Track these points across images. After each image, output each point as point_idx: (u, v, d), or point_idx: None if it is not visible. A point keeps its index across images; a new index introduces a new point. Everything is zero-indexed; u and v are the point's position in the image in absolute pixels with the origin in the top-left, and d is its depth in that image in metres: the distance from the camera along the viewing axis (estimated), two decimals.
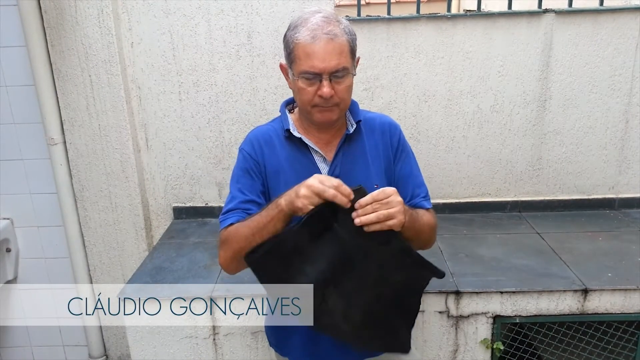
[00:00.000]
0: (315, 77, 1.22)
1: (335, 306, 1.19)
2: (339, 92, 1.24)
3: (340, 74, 1.22)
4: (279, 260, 1.15)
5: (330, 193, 1.09)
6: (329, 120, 1.29)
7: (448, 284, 1.83)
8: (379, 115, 1.44)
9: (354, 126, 1.35)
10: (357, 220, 1.11)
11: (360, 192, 1.13)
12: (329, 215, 1.14)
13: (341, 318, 1.21)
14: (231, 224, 1.26)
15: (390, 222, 1.12)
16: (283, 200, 1.16)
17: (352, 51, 1.26)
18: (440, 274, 1.23)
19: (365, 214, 1.11)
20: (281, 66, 1.34)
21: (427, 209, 1.37)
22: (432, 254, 2.04)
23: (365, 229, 1.12)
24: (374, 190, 1.13)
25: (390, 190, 1.13)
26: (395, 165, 1.39)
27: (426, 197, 1.41)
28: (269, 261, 1.15)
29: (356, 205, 1.12)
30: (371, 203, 1.11)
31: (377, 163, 1.37)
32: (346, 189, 1.10)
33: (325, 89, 1.21)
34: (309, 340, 1.38)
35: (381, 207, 1.11)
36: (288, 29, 1.27)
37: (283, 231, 1.15)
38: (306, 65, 1.21)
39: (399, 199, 1.13)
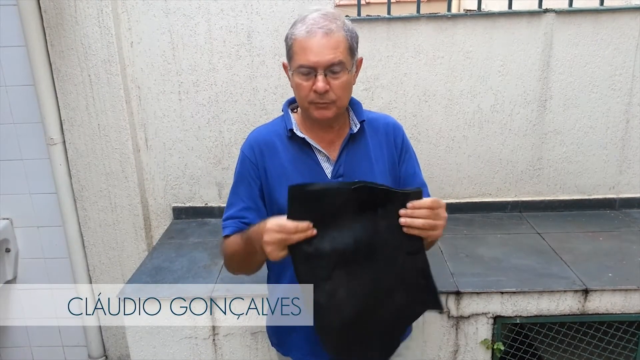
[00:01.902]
0: (311, 71, 1.21)
1: (337, 289, 1.17)
2: (334, 88, 1.23)
3: (336, 68, 1.21)
4: (315, 212, 1.11)
5: (295, 238, 1.09)
6: (325, 118, 1.27)
7: (448, 284, 1.82)
8: (383, 115, 1.43)
9: (358, 126, 1.34)
10: (402, 220, 1.12)
11: (416, 194, 1.13)
12: (379, 197, 1.14)
13: (334, 306, 1.17)
14: (228, 235, 1.33)
15: (433, 233, 1.13)
16: (257, 246, 1.15)
17: (351, 48, 1.25)
18: (440, 307, 1.24)
19: (414, 217, 1.11)
20: (284, 66, 1.34)
21: None
22: (433, 254, 2.02)
23: (405, 229, 1.13)
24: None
25: (443, 202, 1.14)
26: (400, 166, 1.39)
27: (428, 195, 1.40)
28: (306, 205, 1.11)
29: (409, 204, 1.12)
30: (425, 209, 1.11)
31: (381, 163, 1.36)
32: (302, 226, 1.08)
33: (320, 84, 1.20)
34: (314, 339, 1.38)
35: (431, 215, 1.12)
36: (289, 29, 1.27)
37: (334, 184, 1.12)
38: (301, 60, 1.21)
39: (445, 214, 1.15)
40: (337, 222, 1.14)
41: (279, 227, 1.09)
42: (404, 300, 1.23)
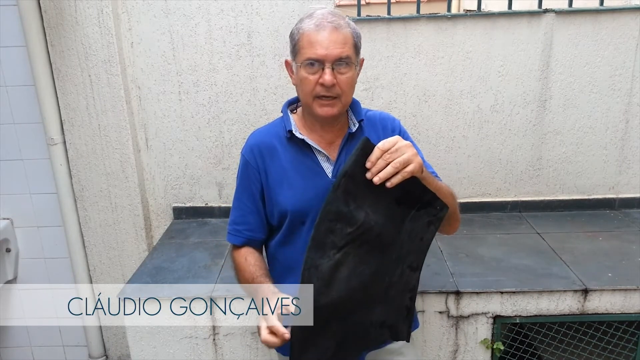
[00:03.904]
0: (318, 64, 1.22)
1: (342, 265, 1.13)
2: (340, 83, 1.24)
3: (343, 62, 1.23)
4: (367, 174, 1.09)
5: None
6: (330, 114, 1.27)
7: (448, 284, 1.83)
8: (379, 112, 1.45)
9: (357, 125, 1.35)
10: (375, 179, 1.07)
11: (367, 146, 1.07)
12: (424, 197, 1.14)
13: (332, 280, 1.13)
14: (237, 246, 1.40)
15: (410, 168, 1.07)
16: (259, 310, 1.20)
17: (356, 46, 1.27)
18: (408, 339, 1.23)
19: (379, 169, 1.07)
20: (286, 63, 1.35)
21: None
22: (432, 254, 2.04)
23: (388, 184, 1.07)
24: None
25: (394, 137, 1.09)
26: None
27: (436, 176, 1.38)
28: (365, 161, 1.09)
29: (367, 164, 1.07)
30: (381, 156, 1.07)
31: None
32: (278, 330, 1.11)
33: (327, 77, 1.21)
34: None
35: (392, 155, 1.07)
36: (294, 26, 1.29)
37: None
38: (309, 53, 1.22)
39: (406, 142, 1.09)
40: (377, 199, 1.11)
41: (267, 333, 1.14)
42: (381, 318, 1.22)
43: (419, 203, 1.16)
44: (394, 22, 2.24)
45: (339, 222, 1.10)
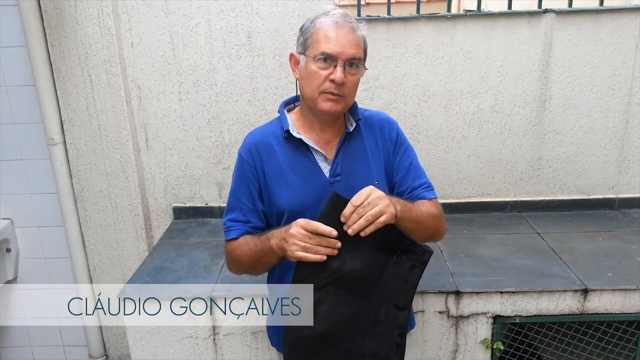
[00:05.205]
0: (331, 60, 1.24)
1: (322, 302, 1.20)
2: (348, 84, 1.26)
3: (355, 64, 1.26)
4: (342, 225, 1.16)
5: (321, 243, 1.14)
6: (333, 111, 1.29)
7: (448, 284, 1.83)
8: (377, 112, 1.46)
9: (354, 125, 1.36)
10: (349, 231, 1.13)
11: (336, 199, 1.14)
12: (404, 245, 1.21)
13: (314, 315, 1.21)
14: (234, 239, 1.35)
15: (382, 219, 1.13)
16: (274, 243, 1.21)
17: (365, 52, 1.31)
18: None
19: (354, 222, 1.13)
20: (291, 56, 1.35)
21: (431, 199, 1.38)
22: (432, 254, 2.03)
23: (362, 233, 1.14)
24: (375, 186, 1.17)
25: (366, 190, 1.15)
26: (394, 159, 1.41)
27: (428, 187, 1.41)
28: (338, 214, 1.16)
29: (342, 218, 1.14)
30: (354, 211, 1.13)
31: (378, 159, 1.38)
32: (325, 229, 1.14)
33: (339, 74, 1.24)
34: None
35: (365, 209, 1.13)
36: (307, 20, 1.30)
37: None
38: (325, 47, 1.24)
39: (379, 193, 1.15)
40: (357, 247, 1.17)
41: (307, 223, 1.14)
42: (372, 350, 1.25)
43: (398, 249, 1.22)
44: (394, 22, 2.24)
45: (315, 267, 1.17)
